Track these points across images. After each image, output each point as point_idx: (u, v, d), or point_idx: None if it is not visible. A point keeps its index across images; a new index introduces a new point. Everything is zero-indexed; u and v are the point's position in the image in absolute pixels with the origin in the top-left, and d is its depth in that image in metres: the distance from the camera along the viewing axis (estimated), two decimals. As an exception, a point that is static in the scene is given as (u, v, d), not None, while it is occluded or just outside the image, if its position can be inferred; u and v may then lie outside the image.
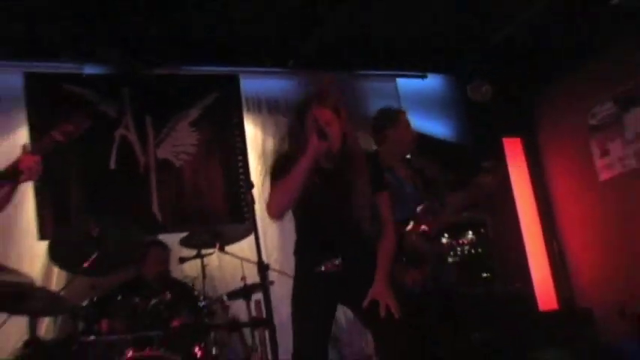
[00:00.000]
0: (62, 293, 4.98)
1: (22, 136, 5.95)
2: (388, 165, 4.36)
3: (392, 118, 4.66)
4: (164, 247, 5.72)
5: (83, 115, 3.58)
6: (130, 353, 4.43)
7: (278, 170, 3.57)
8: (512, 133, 7.64)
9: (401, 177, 4.49)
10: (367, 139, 6.04)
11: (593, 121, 6.94)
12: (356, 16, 6.17)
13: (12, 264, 5.15)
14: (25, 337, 4.64)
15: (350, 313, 5.45)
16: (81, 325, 4.78)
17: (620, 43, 6.54)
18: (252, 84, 7.00)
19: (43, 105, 6.07)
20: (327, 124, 3.45)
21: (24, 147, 3.50)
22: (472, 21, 6.52)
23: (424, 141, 4.98)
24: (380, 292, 3.41)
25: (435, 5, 6.16)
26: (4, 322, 4.68)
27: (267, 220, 3.73)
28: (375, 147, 4.71)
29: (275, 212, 3.55)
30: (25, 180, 3.44)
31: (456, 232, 6.79)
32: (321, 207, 3.54)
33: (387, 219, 3.65)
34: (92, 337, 4.65)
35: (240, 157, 6.74)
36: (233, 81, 6.92)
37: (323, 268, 3.52)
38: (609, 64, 6.69)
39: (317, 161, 3.45)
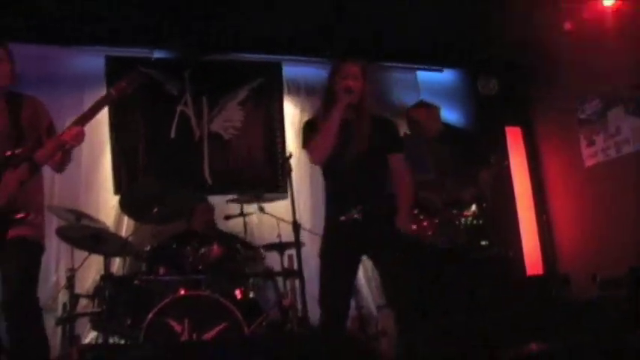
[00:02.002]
0: (130, 239, 5.25)
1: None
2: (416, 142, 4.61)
3: (428, 107, 4.91)
4: (207, 202, 5.82)
5: (135, 75, 3.62)
6: (182, 292, 4.55)
7: (311, 125, 3.74)
8: (513, 122, 7.61)
9: (425, 150, 4.72)
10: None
11: (582, 116, 6.92)
12: (384, 16, 6.25)
13: (92, 212, 5.44)
14: (102, 272, 5.02)
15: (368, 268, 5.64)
16: (143, 266, 5.03)
17: (606, 50, 6.49)
18: (293, 70, 7.09)
19: (120, 83, 6.28)
20: (354, 77, 3.60)
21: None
22: (483, 25, 6.56)
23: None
24: (403, 219, 3.59)
25: (451, 10, 6.23)
26: (86, 259, 5.03)
27: (301, 186, 3.88)
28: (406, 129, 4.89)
29: (318, 157, 3.66)
30: (71, 146, 3.36)
31: (462, 206, 6.95)
32: (344, 160, 3.61)
33: (402, 171, 3.71)
34: (152, 277, 4.87)
35: (278, 133, 6.84)
36: (276, 67, 7.01)
37: (344, 218, 3.58)
38: (598, 66, 6.60)
39: (345, 111, 3.56)
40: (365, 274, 6.26)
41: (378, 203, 3.64)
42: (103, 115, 6.15)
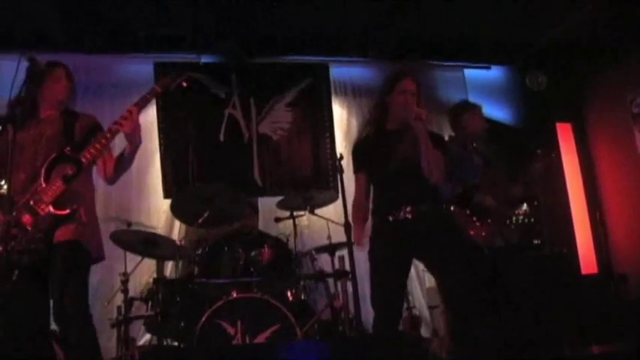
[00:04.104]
0: (182, 242, 5.21)
1: (152, 114, 6.26)
2: (462, 144, 4.51)
3: (470, 107, 4.82)
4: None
5: (178, 72, 3.63)
6: (234, 294, 4.53)
7: (361, 150, 3.79)
8: (564, 119, 7.45)
9: (471, 150, 4.58)
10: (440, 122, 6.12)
11: (636, 110, 6.74)
12: (431, 15, 6.18)
13: (144, 216, 5.50)
14: (154, 275, 5.08)
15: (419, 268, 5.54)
16: (196, 269, 4.98)
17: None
18: (340, 71, 7.06)
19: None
20: (411, 93, 3.61)
21: None
22: (530, 20, 6.44)
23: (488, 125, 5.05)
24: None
25: (498, 7, 6.12)
26: (139, 263, 5.08)
27: (350, 187, 3.87)
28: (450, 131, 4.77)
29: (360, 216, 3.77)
30: (128, 131, 3.38)
31: (513, 204, 6.81)
32: (392, 163, 3.59)
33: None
34: (204, 280, 4.84)
35: (327, 134, 6.82)
36: (324, 69, 6.98)
37: (392, 218, 3.55)
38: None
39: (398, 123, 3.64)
40: (416, 274, 6.20)
41: (429, 203, 3.60)
42: (152, 120, 6.21)
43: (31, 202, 3.20)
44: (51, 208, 3.21)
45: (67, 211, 3.25)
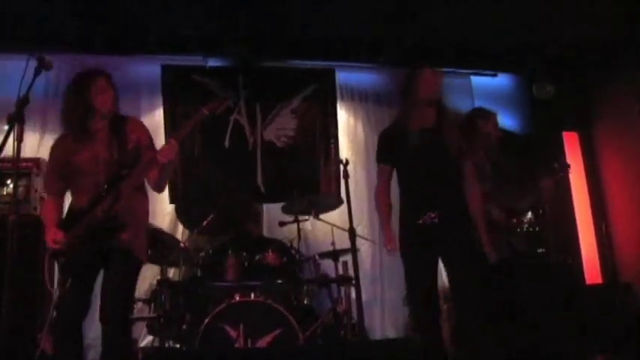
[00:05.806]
0: (186, 245, 5.22)
1: (158, 116, 6.29)
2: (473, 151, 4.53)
3: (483, 114, 4.81)
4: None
5: (223, 96, 3.71)
6: (237, 298, 4.54)
7: (387, 138, 3.88)
8: (570, 127, 7.40)
9: (483, 160, 4.55)
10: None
11: (643, 119, 6.61)
12: (438, 21, 6.17)
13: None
14: (158, 277, 5.04)
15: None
16: (199, 272, 5.03)
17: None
18: (347, 77, 7.02)
19: (175, 91, 6.33)
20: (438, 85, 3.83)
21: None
22: (538, 27, 6.43)
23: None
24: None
25: (506, 14, 6.09)
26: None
27: (356, 192, 3.87)
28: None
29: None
30: (163, 162, 3.49)
31: (519, 214, 6.79)
32: (422, 164, 3.68)
33: (472, 181, 3.79)
34: (207, 282, 4.88)
35: (332, 140, 6.78)
36: (330, 74, 6.94)
37: (421, 221, 3.61)
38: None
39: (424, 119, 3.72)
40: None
41: (453, 206, 3.69)
42: (159, 123, 6.26)
43: (95, 220, 3.39)
44: (105, 224, 3.40)
45: (120, 227, 3.45)
